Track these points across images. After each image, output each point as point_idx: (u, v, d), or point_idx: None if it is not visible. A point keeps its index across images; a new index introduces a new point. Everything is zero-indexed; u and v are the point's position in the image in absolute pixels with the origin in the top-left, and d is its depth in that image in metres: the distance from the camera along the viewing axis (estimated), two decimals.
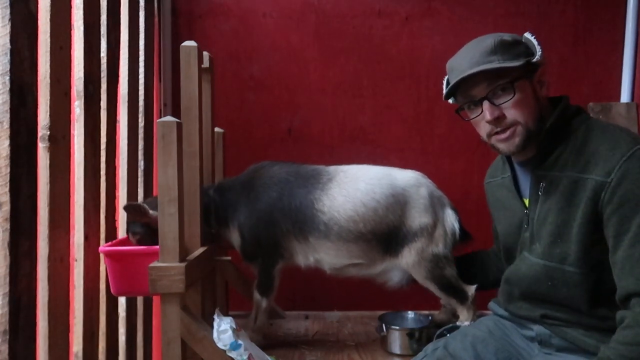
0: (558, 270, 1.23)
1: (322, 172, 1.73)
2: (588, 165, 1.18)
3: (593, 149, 1.19)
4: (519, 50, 1.25)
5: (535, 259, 1.28)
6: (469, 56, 1.27)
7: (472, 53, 1.26)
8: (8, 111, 1.04)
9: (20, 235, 1.07)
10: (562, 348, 1.28)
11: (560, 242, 1.22)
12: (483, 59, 1.23)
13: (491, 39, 1.25)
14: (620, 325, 1.10)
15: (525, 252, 1.33)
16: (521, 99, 1.24)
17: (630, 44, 2.30)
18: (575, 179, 1.20)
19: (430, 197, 1.68)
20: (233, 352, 1.35)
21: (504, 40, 1.24)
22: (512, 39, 1.25)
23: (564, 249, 1.22)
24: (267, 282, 1.73)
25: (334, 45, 2.34)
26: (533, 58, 1.24)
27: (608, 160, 1.14)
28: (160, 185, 1.35)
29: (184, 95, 1.58)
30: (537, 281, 1.28)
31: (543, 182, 1.27)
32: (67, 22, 1.32)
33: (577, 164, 1.20)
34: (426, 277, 1.65)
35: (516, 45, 1.25)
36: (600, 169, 1.15)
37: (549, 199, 1.25)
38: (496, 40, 1.24)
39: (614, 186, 1.12)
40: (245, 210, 1.70)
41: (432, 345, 1.44)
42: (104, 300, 1.63)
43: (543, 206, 1.27)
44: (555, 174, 1.25)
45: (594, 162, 1.17)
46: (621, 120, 2.27)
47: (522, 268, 1.33)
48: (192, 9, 2.32)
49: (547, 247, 1.25)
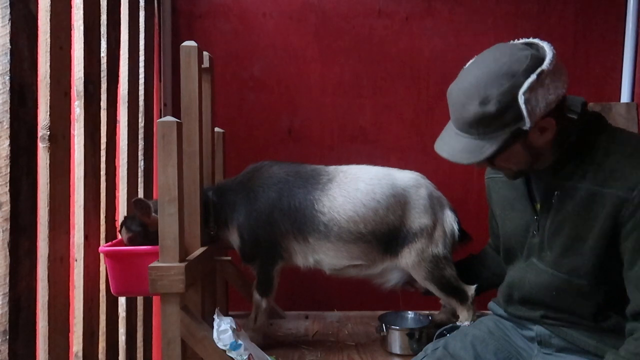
0: (566, 281, 1.22)
1: (322, 173, 1.73)
2: (608, 179, 1.14)
3: (614, 162, 1.14)
4: (505, 119, 1.11)
5: (544, 267, 1.27)
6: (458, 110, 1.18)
7: (460, 109, 1.16)
8: (8, 111, 1.04)
9: (20, 235, 1.07)
10: (562, 348, 1.28)
11: (572, 255, 1.21)
12: (465, 128, 1.16)
13: (474, 105, 1.12)
14: (632, 336, 1.11)
15: (534, 259, 1.31)
16: (507, 157, 1.19)
17: (630, 44, 2.30)
18: (593, 191, 1.15)
19: (430, 198, 1.68)
20: (233, 352, 1.35)
21: (487, 113, 1.11)
22: (497, 109, 1.10)
23: (575, 261, 1.20)
24: (266, 283, 1.73)
25: (334, 45, 2.34)
26: (523, 125, 1.11)
27: (630, 175, 1.11)
28: (160, 185, 1.35)
29: (184, 95, 1.58)
30: (543, 289, 1.27)
31: (558, 190, 1.23)
32: (67, 22, 1.32)
33: (596, 177, 1.16)
34: (426, 277, 1.65)
35: (502, 115, 1.11)
36: (622, 184, 1.12)
37: (564, 209, 1.22)
38: (477, 114, 1.12)
39: (637, 202, 1.09)
40: (244, 210, 1.70)
41: (432, 345, 1.44)
42: (104, 300, 1.63)
43: (557, 216, 1.24)
44: (572, 184, 1.20)
45: (615, 176, 1.13)
46: (621, 120, 2.27)
47: (529, 274, 1.31)
48: (192, 9, 2.32)
49: (558, 257, 1.23)
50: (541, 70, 1.08)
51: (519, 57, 1.11)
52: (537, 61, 1.11)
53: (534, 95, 1.09)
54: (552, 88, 1.10)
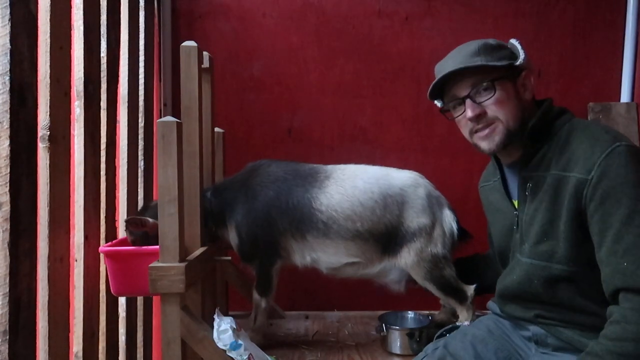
0: (546, 268, 1.24)
1: (320, 171, 1.73)
2: (570, 163, 1.19)
3: (574, 147, 1.20)
4: (503, 53, 1.29)
5: (524, 259, 1.30)
6: (453, 58, 1.31)
7: (456, 55, 1.31)
8: (8, 111, 1.04)
9: (20, 235, 1.07)
10: (559, 348, 1.28)
11: (547, 241, 1.23)
12: (467, 60, 1.27)
13: (475, 43, 1.30)
14: (609, 320, 1.11)
15: (517, 254, 1.34)
16: (502, 98, 1.27)
17: (630, 44, 2.30)
18: (558, 177, 1.21)
19: (429, 198, 1.68)
20: (233, 352, 1.35)
21: (488, 43, 1.29)
22: (497, 43, 1.30)
23: (550, 247, 1.23)
24: (265, 282, 1.73)
25: (334, 45, 2.34)
26: (516, 61, 1.28)
27: (588, 157, 1.15)
28: (160, 185, 1.35)
29: (184, 95, 1.58)
30: (526, 281, 1.29)
31: (529, 182, 1.29)
32: (67, 22, 1.32)
33: (560, 163, 1.22)
34: (425, 277, 1.65)
35: (500, 49, 1.29)
36: (581, 167, 1.16)
37: (536, 198, 1.27)
38: (480, 44, 1.28)
39: (595, 183, 1.13)
40: (242, 209, 1.70)
41: (432, 345, 1.45)
42: (104, 300, 1.63)
43: (530, 206, 1.28)
44: (540, 174, 1.26)
45: (575, 160, 1.18)
46: (621, 120, 2.27)
47: (515, 269, 1.33)
48: (192, 9, 2.32)
49: (534, 245, 1.26)
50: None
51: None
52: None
53: (519, 45, 1.31)
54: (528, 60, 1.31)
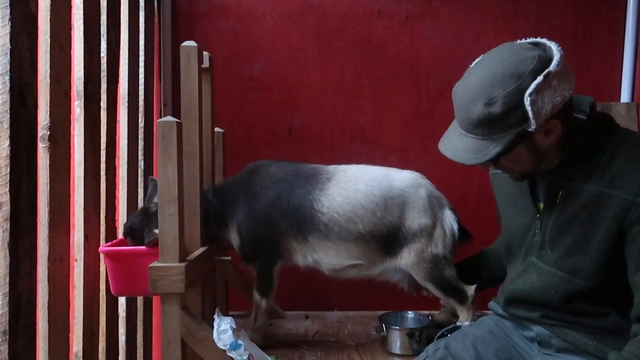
0: (567, 281, 1.22)
1: (321, 172, 1.73)
2: (615, 181, 1.13)
3: (621, 164, 1.14)
4: (511, 120, 1.11)
5: (545, 267, 1.27)
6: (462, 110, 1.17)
7: (465, 109, 1.16)
8: (8, 111, 1.04)
9: (20, 235, 1.07)
10: (562, 349, 1.28)
11: (576, 255, 1.20)
12: (470, 128, 1.16)
13: (479, 106, 1.12)
14: (636, 338, 1.11)
15: (534, 258, 1.31)
16: (511, 159, 1.20)
17: (630, 44, 2.30)
18: (599, 193, 1.15)
19: (429, 198, 1.68)
20: (233, 352, 1.35)
21: (492, 114, 1.11)
22: (503, 111, 1.10)
23: (579, 262, 1.20)
24: (266, 282, 1.73)
25: (334, 45, 2.34)
26: (528, 127, 1.11)
27: (638, 178, 1.11)
28: (160, 185, 1.35)
29: (184, 95, 1.58)
30: (543, 289, 1.27)
31: (562, 191, 1.23)
32: (67, 22, 1.32)
33: (603, 179, 1.15)
34: (425, 277, 1.65)
35: (508, 116, 1.11)
36: (630, 188, 1.11)
37: (568, 209, 1.21)
38: (481, 113, 1.12)
39: None
40: (243, 210, 1.70)
41: (433, 345, 1.44)
42: (104, 300, 1.63)
43: (560, 215, 1.23)
44: (577, 185, 1.19)
45: (623, 178, 1.12)
46: (621, 120, 2.26)
47: (529, 274, 1.31)
48: (192, 9, 2.32)
49: (562, 257, 1.23)
50: (548, 72, 1.08)
51: (526, 58, 1.11)
52: (544, 62, 1.10)
53: (540, 97, 1.08)
54: (558, 90, 1.10)
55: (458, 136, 1.20)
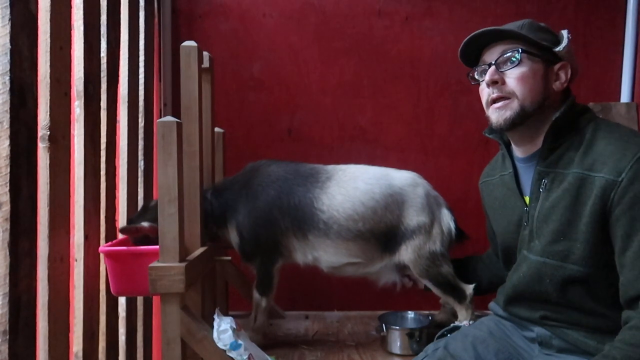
0: (559, 268, 1.22)
1: (321, 171, 1.74)
2: (596, 163, 1.17)
3: (602, 147, 1.18)
4: (547, 36, 1.28)
5: (535, 257, 1.27)
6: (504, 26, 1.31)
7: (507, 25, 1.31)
8: (8, 111, 1.04)
9: (20, 235, 1.07)
10: (563, 349, 1.28)
11: (563, 240, 1.21)
12: (511, 26, 1.28)
13: (523, 20, 1.30)
14: (627, 325, 1.10)
15: (524, 251, 1.32)
16: (526, 74, 1.25)
17: (630, 44, 2.30)
18: (582, 176, 1.18)
19: (427, 197, 1.69)
20: (233, 352, 1.35)
21: (535, 22, 1.29)
22: (544, 26, 1.30)
23: (567, 247, 1.20)
24: (266, 282, 1.73)
25: (334, 45, 2.34)
26: (556, 47, 1.26)
27: (619, 159, 1.13)
28: (160, 185, 1.35)
29: (184, 95, 1.57)
30: (537, 280, 1.27)
31: (545, 178, 1.27)
32: (67, 22, 1.32)
33: (585, 162, 1.19)
34: (423, 274, 1.65)
35: (545, 32, 1.29)
36: (611, 168, 1.13)
37: (552, 196, 1.24)
38: (527, 20, 1.29)
39: (625, 186, 1.11)
40: (243, 209, 1.70)
41: (432, 345, 1.44)
42: (104, 300, 1.63)
43: (545, 203, 1.26)
44: (559, 171, 1.24)
45: (603, 160, 1.16)
46: (621, 120, 2.27)
47: (522, 267, 1.32)
48: (192, 9, 2.32)
49: (549, 244, 1.24)
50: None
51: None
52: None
53: (567, 37, 1.28)
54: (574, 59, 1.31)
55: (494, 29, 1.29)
